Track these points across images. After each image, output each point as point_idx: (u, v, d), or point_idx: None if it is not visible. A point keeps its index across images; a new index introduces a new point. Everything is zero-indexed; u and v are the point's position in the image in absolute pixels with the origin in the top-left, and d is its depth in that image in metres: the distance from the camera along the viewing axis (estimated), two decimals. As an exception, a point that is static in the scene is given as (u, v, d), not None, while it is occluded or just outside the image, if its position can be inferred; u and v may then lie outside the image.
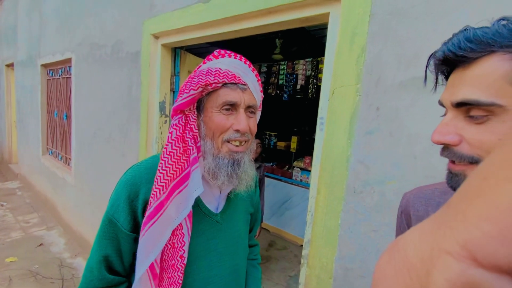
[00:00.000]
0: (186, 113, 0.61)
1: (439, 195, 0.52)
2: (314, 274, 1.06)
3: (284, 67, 4.04)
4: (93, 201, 2.57)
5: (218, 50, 0.64)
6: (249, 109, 0.61)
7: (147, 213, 0.55)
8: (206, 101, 0.60)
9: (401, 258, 0.15)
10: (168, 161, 0.57)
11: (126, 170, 0.64)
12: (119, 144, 2.15)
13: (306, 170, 3.31)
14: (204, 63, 0.63)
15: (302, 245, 3.32)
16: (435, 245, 0.13)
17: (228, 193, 0.69)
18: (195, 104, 0.61)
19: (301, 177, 3.35)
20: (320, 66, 3.62)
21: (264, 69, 4.32)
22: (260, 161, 2.19)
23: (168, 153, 0.58)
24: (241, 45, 4.14)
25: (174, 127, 0.60)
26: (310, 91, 3.83)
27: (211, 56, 0.63)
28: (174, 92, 1.88)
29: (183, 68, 1.88)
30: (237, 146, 0.60)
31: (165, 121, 1.86)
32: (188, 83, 0.58)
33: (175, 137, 0.59)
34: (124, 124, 2.07)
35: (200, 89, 0.57)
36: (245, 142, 0.62)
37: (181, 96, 0.59)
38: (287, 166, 3.69)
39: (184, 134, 0.60)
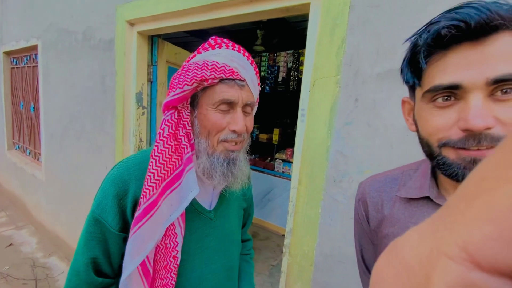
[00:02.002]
0: (179, 108, 0.57)
1: (391, 181, 0.55)
2: (295, 262, 1.08)
3: (265, 59, 4.02)
4: (67, 198, 2.45)
5: (214, 37, 0.59)
6: (247, 107, 0.59)
7: (136, 214, 0.52)
8: (201, 97, 0.56)
9: (399, 260, 0.15)
10: (159, 160, 0.54)
11: (113, 166, 0.60)
12: (93, 137, 2.05)
13: (288, 162, 3.35)
14: (199, 52, 0.58)
15: (284, 235, 3.40)
16: (434, 248, 0.12)
17: (221, 190, 0.67)
18: (189, 99, 0.57)
19: (283, 168, 3.39)
20: (301, 58, 3.64)
21: (245, 60, 4.27)
22: None
23: (159, 151, 0.54)
24: (222, 35, 4.05)
25: (167, 123, 0.56)
26: (291, 83, 3.85)
27: (206, 45, 0.58)
28: (151, 82, 1.80)
29: (161, 58, 1.81)
30: (233, 145, 0.58)
31: (143, 113, 1.79)
32: (182, 77, 0.53)
33: (167, 135, 0.55)
34: (99, 116, 1.97)
35: (195, 84, 0.53)
36: (241, 141, 0.60)
37: (173, 91, 0.54)
38: (269, 158, 3.72)
39: (177, 132, 0.57)
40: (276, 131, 3.88)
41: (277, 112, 5.16)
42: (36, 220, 3.01)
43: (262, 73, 4.06)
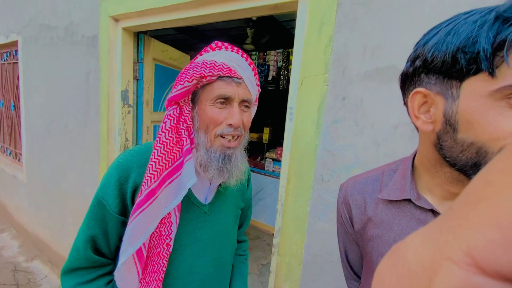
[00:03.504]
0: (181, 104, 0.61)
1: (372, 182, 0.55)
2: (284, 261, 1.08)
3: (255, 58, 4.00)
4: (50, 199, 2.36)
5: (215, 42, 0.64)
6: (244, 103, 0.61)
7: (137, 200, 0.56)
8: (201, 93, 0.60)
9: (402, 264, 0.14)
10: (161, 150, 0.58)
11: (119, 155, 0.65)
12: (77, 136, 1.98)
13: (278, 161, 3.36)
14: (201, 54, 0.63)
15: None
16: (437, 252, 0.12)
17: (218, 185, 0.70)
18: (190, 96, 0.62)
19: (273, 167, 3.39)
20: (291, 57, 3.64)
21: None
22: None
23: (161, 142, 0.59)
24: (212, 33, 4.00)
25: (168, 117, 0.60)
26: (281, 82, 3.85)
27: (208, 48, 0.63)
28: (137, 80, 1.76)
29: (148, 55, 1.76)
30: (229, 141, 0.61)
31: (128, 112, 1.74)
32: (184, 75, 0.58)
33: (168, 128, 0.59)
34: (82, 115, 1.91)
35: (195, 81, 0.57)
36: (238, 137, 0.62)
37: (175, 88, 0.59)
38: (259, 157, 3.71)
39: (178, 125, 0.61)
40: (266, 130, 3.87)
41: (268, 111, 5.17)
42: (18, 223, 2.89)
43: (252, 72, 4.05)
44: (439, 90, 0.37)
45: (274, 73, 3.85)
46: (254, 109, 0.69)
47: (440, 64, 0.36)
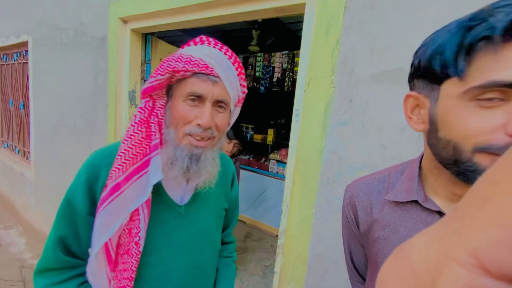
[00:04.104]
0: (154, 97, 0.59)
1: (378, 184, 0.55)
2: (289, 262, 1.08)
3: (260, 59, 4.02)
4: (56, 197, 2.40)
5: (201, 36, 0.60)
6: (219, 103, 0.58)
7: (102, 194, 0.54)
8: (175, 88, 0.57)
9: (406, 265, 0.14)
10: (128, 144, 0.56)
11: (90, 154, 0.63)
12: (84, 136, 2.01)
13: (282, 162, 3.36)
14: (182, 47, 0.60)
15: (277, 235, 3.38)
16: (442, 253, 0.12)
17: (196, 186, 0.65)
18: (165, 90, 0.59)
19: (277, 169, 3.39)
20: (296, 59, 3.65)
21: (240, 60, 4.27)
22: (236, 156, 2.17)
23: (129, 135, 0.56)
24: (218, 35, 4.03)
25: (139, 110, 0.58)
26: (286, 84, 3.86)
27: (190, 42, 0.60)
28: (145, 80, 1.78)
29: (155, 56, 1.79)
30: (198, 140, 0.57)
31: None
32: (159, 67, 0.56)
33: (138, 121, 0.57)
34: (90, 115, 1.94)
35: (167, 75, 0.55)
36: (209, 138, 0.59)
37: (150, 80, 0.57)
38: (263, 159, 3.72)
39: (149, 119, 0.58)
40: (270, 132, 3.88)
41: (272, 113, 5.17)
42: (25, 220, 2.94)
43: (257, 74, 4.06)
44: (426, 93, 0.41)
45: (279, 74, 3.85)
46: (236, 111, 0.66)
47: (423, 70, 0.40)
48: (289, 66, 3.75)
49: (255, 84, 4.26)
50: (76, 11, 1.95)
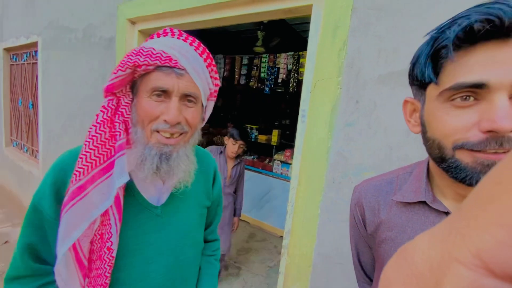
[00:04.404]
0: (118, 95, 0.56)
1: (386, 185, 0.55)
2: (294, 263, 1.08)
3: (265, 60, 4.03)
4: (64, 195, 2.44)
5: (164, 28, 0.57)
6: (187, 97, 0.54)
7: (64, 199, 0.51)
8: (139, 84, 0.54)
9: (409, 265, 0.14)
10: (89, 146, 0.52)
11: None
12: (92, 135, 2.04)
13: (286, 163, 3.35)
14: (146, 41, 0.57)
15: (281, 236, 3.36)
16: (446, 253, 0.12)
17: (173, 186, 0.63)
18: (129, 86, 0.56)
19: (281, 170, 3.39)
20: (301, 60, 3.65)
21: (245, 61, 4.28)
22: (240, 156, 2.18)
23: (90, 137, 0.53)
24: (223, 36, 4.05)
25: (102, 109, 0.54)
26: (291, 85, 3.86)
27: (154, 35, 0.57)
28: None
29: (162, 57, 1.81)
30: (167, 138, 0.54)
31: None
32: (119, 63, 0.53)
33: (101, 120, 0.53)
34: (98, 114, 1.97)
35: (128, 70, 0.51)
36: (181, 134, 0.56)
37: (110, 76, 0.53)
38: (267, 159, 3.72)
39: (114, 118, 0.55)
40: (275, 132, 3.88)
41: (277, 113, 5.17)
42: (32, 218, 2.98)
43: (262, 75, 4.07)
44: (418, 98, 0.45)
45: (284, 75, 3.86)
46: (210, 105, 0.63)
47: (412, 77, 0.44)
48: (294, 67, 3.75)
49: (259, 85, 4.27)
50: (85, 12, 1.98)
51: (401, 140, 0.84)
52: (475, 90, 0.35)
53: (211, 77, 0.59)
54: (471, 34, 0.34)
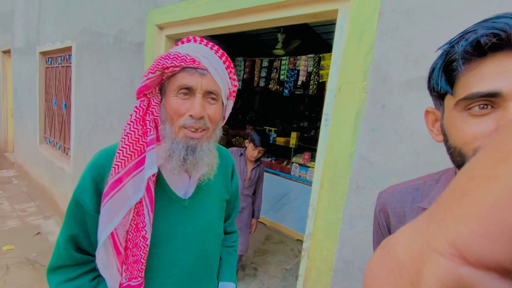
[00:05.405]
0: (148, 96, 0.62)
1: (412, 191, 0.55)
2: (314, 266, 1.08)
3: (285, 63, 4.03)
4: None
5: (188, 36, 0.64)
6: (209, 95, 0.60)
7: (104, 190, 0.56)
8: (167, 85, 0.60)
9: (392, 257, 0.15)
10: (125, 142, 0.58)
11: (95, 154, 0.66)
12: (120, 135, 2.14)
13: (305, 166, 3.33)
14: (172, 48, 0.64)
15: (298, 239, 3.34)
16: (425, 243, 0.13)
17: (198, 180, 0.68)
18: (158, 88, 0.62)
19: (300, 172, 3.37)
20: (322, 62, 3.62)
21: (265, 63, 4.31)
22: (259, 158, 2.20)
23: (125, 134, 0.59)
24: (243, 39, 4.11)
25: (135, 109, 0.61)
26: (311, 87, 3.83)
27: (179, 42, 0.64)
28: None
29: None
30: (193, 132, 0.60)
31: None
32: (150, 67, 0.59)
33: (134, 119, 0.60)
34: (126, 115, 2.07)
35: (158, 72, 0.58)
36: (203, 129, 0.61)
37: (142, 79, 0.60)
38: (285, 162, 3.72)
39: (145, 117, 0.61)
40: (293, 135, 3.87)
41: (295, 116, 5.15)
42: (63, 211, 3.17)
43: (282, 77, 4.08)
44: (438, 107, 0.47)
45: (304, 78, 3.84)
46: (229, 104, 0.69)
47: (429, 88, 0.47)
48: (314, 69, 3.73)
49: (279, 87, 4.28)
50: (116, 19, 2.10)
51: (428, 146, 0.82)
52: (490, 99, 0.37)
53: (230, 78, 0.65)
54: (478, 47, 0.37)
